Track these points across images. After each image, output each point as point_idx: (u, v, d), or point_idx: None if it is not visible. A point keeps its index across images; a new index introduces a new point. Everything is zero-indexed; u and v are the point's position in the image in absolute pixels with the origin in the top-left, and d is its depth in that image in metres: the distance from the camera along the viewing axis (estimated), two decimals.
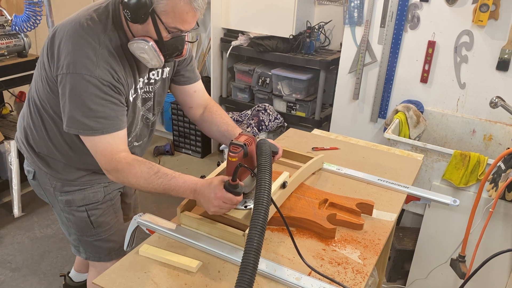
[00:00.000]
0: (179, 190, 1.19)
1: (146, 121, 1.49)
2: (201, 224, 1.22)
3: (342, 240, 1.25)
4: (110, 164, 1.22)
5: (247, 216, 1.21)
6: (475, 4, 2.24)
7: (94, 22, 1.21)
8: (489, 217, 1.73)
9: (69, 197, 1.45)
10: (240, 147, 1.17)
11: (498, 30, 2.24)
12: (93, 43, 1.18)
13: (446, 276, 2.19)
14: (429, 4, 2.38)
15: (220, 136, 1.53)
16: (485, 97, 2.36)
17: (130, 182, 1.22)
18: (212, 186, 1.14)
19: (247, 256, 0.93)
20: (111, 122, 1.21)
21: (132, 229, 1.28)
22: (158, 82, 1.44)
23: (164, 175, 1.20)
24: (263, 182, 1.09)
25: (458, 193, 2.06)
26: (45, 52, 1.24)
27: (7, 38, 2.73)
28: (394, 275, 2.44)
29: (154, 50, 1.20)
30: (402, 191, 1.51)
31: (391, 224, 1.34)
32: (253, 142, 1.23)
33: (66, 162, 1.41)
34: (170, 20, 1.17)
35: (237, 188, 1.13)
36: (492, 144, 2.42)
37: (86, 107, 1.18)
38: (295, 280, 1.07)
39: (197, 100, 1.57)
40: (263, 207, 1.03)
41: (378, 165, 1.69)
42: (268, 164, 1.15)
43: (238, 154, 1.17)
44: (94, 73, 1.17)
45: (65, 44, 1.18)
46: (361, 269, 1.14)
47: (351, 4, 2.57)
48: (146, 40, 1.19)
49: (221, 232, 1.19)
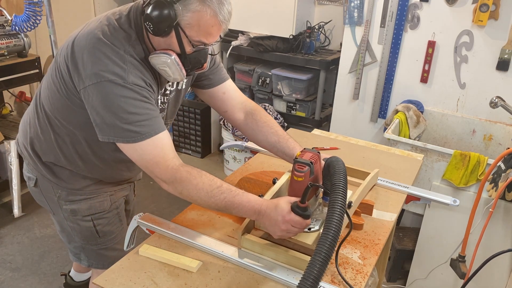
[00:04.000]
0: (242, 209, 1.11)
1: None
2: (265, 249, 1.14)
3: None
4: (167, 173, 1.13)
5: (316, 240, 1.11)
6: (475, 4, 2.24)
7: (117, 31, 1.16)
8: (489, 217, 1.73)
9: (74, 206, 1.41)
10: (306, 165, 1.10)
11: (498, 30, 2.24)
12: (119, 51, 1.13)
13: (446, 276, 2.19)
14: (429, 4, 2.38)
15: (269, 147, 1.43)
16: (485, 97, 2.36)
17: (189, 195, 1.13)
18: (280, 208, 1.07)
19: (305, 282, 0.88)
20: (155, 123, 1.14)
21: (132, 229, 1.28)
22: (172, 93, 1.39)
23: (227, 191, 1.12)
24: (337, 205, 1.00)
25: (458, 193, 2.06)
26: (64, 62, 1.17)
27: (7, 38, 2.73)
28: (394, 275, 2.44)
29: (177, 64, 1.14)
30: (402, 191, 1.51)
31: (391, 224, 1.34)
32: (319, 159, 1.16)
33: (74, 171, 1.36)
34: (195, 34, 1.12)
35: (307, 211, 1.06)
36: (492, 144, 2.42)
37: (126, 112, 1.11)
38: (295, 280, 1.07)
39: (230, 103, 1.47)
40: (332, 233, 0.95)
41: (378, 165, 1.69)
42: (343, 185, 1.05)
43: (305, 174, 1.09)
44: (127, 79, 1.11)
45: (90, 54, 1.12)
46: (361, 269, 1.14)
47: (351, 4, 2.57)
48: (168, 54, 1.13)
49: (289, 258, 1.11)
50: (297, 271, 1.09)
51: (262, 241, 1.15)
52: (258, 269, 1.11)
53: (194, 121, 3.58)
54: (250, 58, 3.42)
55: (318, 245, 0.94)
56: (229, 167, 3.35)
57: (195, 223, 1.29)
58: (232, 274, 1.10)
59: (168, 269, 1.11)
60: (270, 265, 1.12)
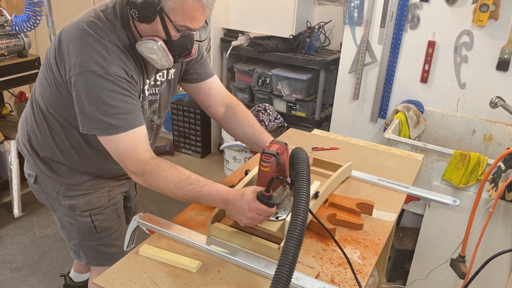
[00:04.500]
0: (210, 199, 1.15)
1: (151, 124, 1.46)
2: (232, 236, 1.17)
3: (342, 240, 1.25)
4: (137, 166, 1.17)
5: (281, 228, 1.16)
6: (475, 4, 2.24)
7: (103, 21, 1.19)
8: (489, 217, 1.73)
9: (72, 201, 1.43)
10: (272, 156, 1.13)
11: (498, 30, 2.24)
12: (103, 41, 1.15)
13: (446, 276, 2.19)
14: (429, 4, 2.38)
15: (245, 139, 1.49)
16: (485, 97, 2.36)
17: (159, 186, 1.17)
18: (245, 197, 1.11)
19: (281, 269, 0.89)
20: (132, 117, 1.17)
21: (132, 229, 1.28)
22: (163, 84, 1.42)
23: (195, 181, 1.16)
24: (301, 193, 1.03)
25: (458, 193, 2.06)
26: (53, 54, 1.21)
27: (7, 38, 2.73)
28: (394, 275, 2.44)
29: (163, 50, 1.17)
30: (402, 191, 1.51)
31: (391, 224, 1.34)
32: (286, 150, 1.18)
33: (71, 166, 1.39)
34: (179, 18, 1.15)
35: (271, 199, 1.10)
36: (492, 144, 2.42)
37: (105, 104, 1.14)
38: (295, 280, 1.07)
39: (214, 97, 1.51)
40: (301, 220, 0.97)
41: (378, 165, 1.69)
42: (306, 174, 1.08)
43: (271, 164, 1.12)
44: (108, 70, 1.13)
45: (75, 45, 1.15)
46: (361, 269, 1.14)
47: (351, 4, 2.57)
48: (154, 40, 1.16)
49: (255, 245, 1.15)
50: (261, 257, 1.14)
51: (229, 229, 1.20)
52: (224, 255, 1.15)
53: (194, 121, 3.58)
54: (250, 58, 3.42)
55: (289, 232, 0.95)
56: (229, 167, 3.36)
57: (195, 223, 1.29)
58: (232, 274, 1.10)
59: (168, 269, 1.11)
60: (234, 251, 1.16)
